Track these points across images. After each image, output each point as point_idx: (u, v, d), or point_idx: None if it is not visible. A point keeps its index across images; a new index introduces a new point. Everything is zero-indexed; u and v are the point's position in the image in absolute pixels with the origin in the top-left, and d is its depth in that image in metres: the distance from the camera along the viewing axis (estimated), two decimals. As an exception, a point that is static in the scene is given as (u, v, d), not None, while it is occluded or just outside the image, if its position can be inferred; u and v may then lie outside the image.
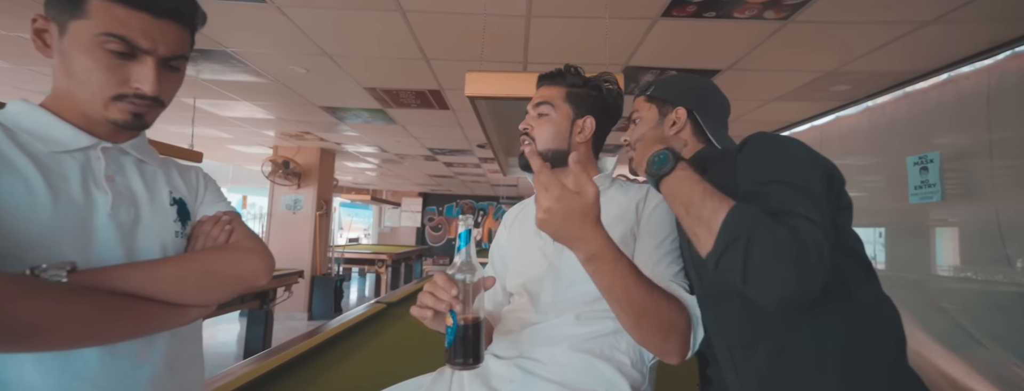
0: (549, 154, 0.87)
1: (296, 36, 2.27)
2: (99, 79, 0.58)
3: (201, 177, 0.79)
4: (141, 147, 0.69)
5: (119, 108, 0.60)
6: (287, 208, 5.26)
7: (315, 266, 5.25)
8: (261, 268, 0.69)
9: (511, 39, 2.21)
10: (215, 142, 5.25)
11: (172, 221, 0.68)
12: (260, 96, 3.38)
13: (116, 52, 0.58)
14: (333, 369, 1.40)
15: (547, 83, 0.93)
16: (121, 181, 0.64)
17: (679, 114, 0.84)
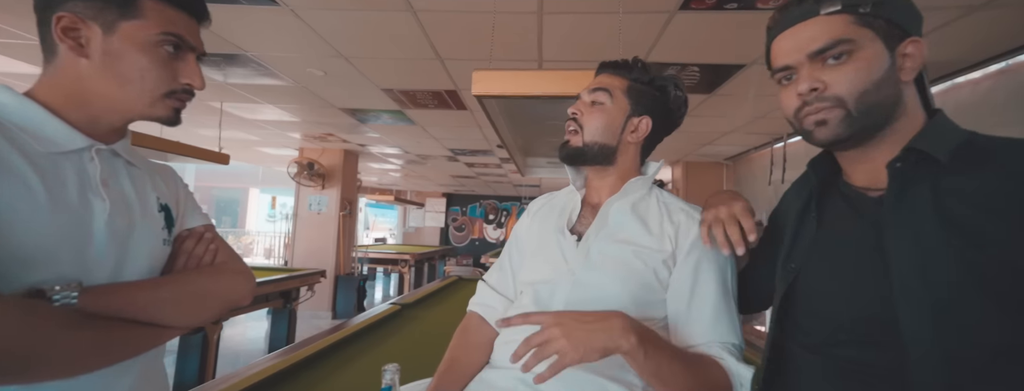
0: (595, 148, 0.80)
1: (311, 38, 2.29)
2: (154, 77, 0.61)
3: (179, 181, 0.78)
4: (128, 149, 0.68)
5: (167, 104, 0.63)
6: (312, 209, 5.36)
7: (339, 266, 5.33)
8: (248, 290, 0.71)
9: (524, 37, 2.17)
10: (243, 144, 5.41)
11: (160, 228, 0.67)
12: (283, 99, 3.45)
13: (169, 49, 0.61)
14: (338, 372, 1.39)
15: (610, 71, 0.85)
16: (115, 187, 0.63)
17: (917, 49, 0.57)
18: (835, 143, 0.60)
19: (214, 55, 2.59)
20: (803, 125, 0.60)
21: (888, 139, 0.59)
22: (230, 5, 1.97)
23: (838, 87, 0.57)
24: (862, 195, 0.62)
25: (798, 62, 0.59)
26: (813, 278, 0.62)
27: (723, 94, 2.93)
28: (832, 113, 0.57)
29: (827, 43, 0.56)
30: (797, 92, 0.59)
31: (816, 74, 0.57)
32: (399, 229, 11.25)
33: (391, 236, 12.07)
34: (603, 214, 0.79)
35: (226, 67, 2.79)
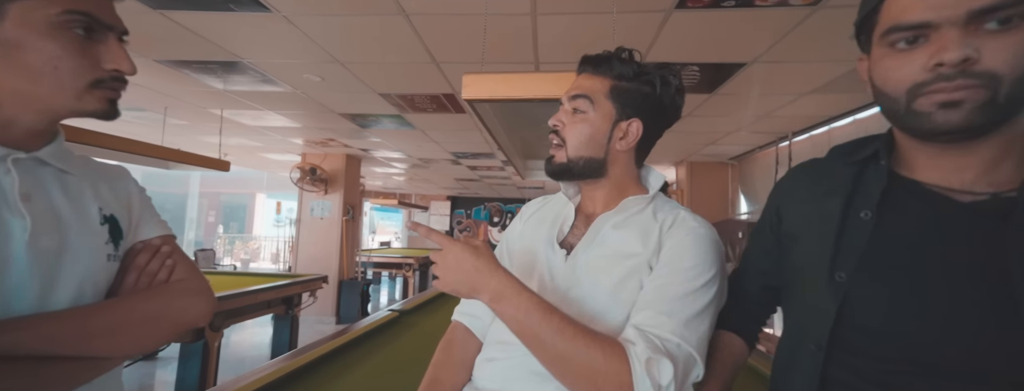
0: (581, 162, 0.73)
1: (306, 44, 2.28)
2: (71, 66, 0.51)
3: (133, 186, 0.69)
4: (60, 154, 0.58)
5: (97, 96, 0.54)
6: (315, 214, 5.37)
7: (342, 270, 5.33)
8: (205, 311, 0.64)
9: (519, 39, 2.14)
10: (247, 150, 5.43)
11: (103, 243, 0.59)
12: (283, 105, 3.45)
13: (79, 32, 0.52)
14: (331, 383, 1.36)
15: (590, 70, 0.74)
16: (40, 200, 0.54)
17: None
18: (953, 133, 0.45)
19: (211, 63, 2.59)
20: (915, 105, 0.45)
21: (1000, 135, 0.47)
22: (224, 13, 1.96)
23: (996, 62, 0.41)
24: (944, 197, 0.49)
25: (948, 19, 0.42)
26: (879, 294, 0.49)
27: (725, 93, 2.88)
28: (975, 94, 0.42)
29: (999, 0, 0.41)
30: (938, 60, 0.43)
31: (969, 40, 0.42)
32: (404, 232, 11.27)
33: (396, 239, 12.09)
34: (595, 229, 0.74)
35: (225, 75, 2.80)
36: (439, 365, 0.81)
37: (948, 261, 0.47)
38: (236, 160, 6.18)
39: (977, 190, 0.48)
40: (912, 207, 0.51)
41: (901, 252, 0.50)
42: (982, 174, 0.48)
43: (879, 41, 0.49)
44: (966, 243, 0.47)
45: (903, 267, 0.49)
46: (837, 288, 0.52)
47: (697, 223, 0.71)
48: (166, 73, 2.78)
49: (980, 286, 0.45)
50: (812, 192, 0.61)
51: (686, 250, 0.67)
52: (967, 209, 0.48)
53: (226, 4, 1.88)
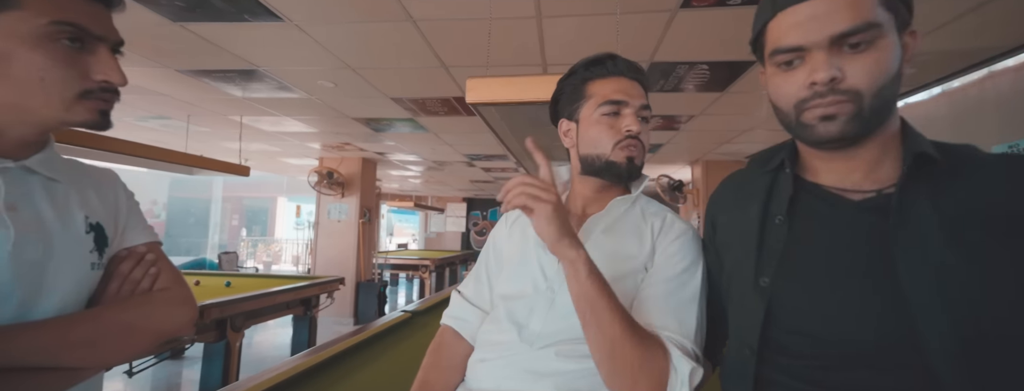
0: (642, 165, 0.78)
1: (318, 51, 2.34)
2: (59, 76, 0.51)
3: (121, 191, 0.68)
4: (49, 162, 0.58)
5: (86, 107, 0.54)
6: (332, 217, 5.48)
7: (359, 272, 5.42)
8: (186, 320, 0.63)
9: (526, 42, 2.16)
10: (267, 155, 5.58)
11: (87, 252, 0.59)
12: (299, 111, 3.54)
13: (67, 43, 0.51)
14: (340, 383, 1.40)
15: (641, 82, 0.79)
16: (27, 210, 0.54)
17: (913, 41, 0.53)
18: (834, 142, 0.51)
19: (230, 71, 2.68)
20: (802, 119, 0.52)
21: (875, 139, 0.53)
22: (239, 23, 2.03)
23: (857, 79, 0.48)
24: (840, 198, 0.55)
25: (815, 44, 0.49)
26: (799, 295, 0.53)
27: (737, 91, 2.84)
28: (844, 108, 0.49)
29: (856, 25, 0.47)
30: (811, 80, 0.49)
31: (836, 60, 0.48)
32: (421, 234, 11.38)
33: (414, 241, 12.22)
34: (587, 230, 0.76)
35: (243, 82, 2.89)
36: (429, 368, 0.82)
37: (849, 258, 0.51)
38: (257, 165, 6.35)
39: (864, 188, 0.54)
40: (816, 209, 0.56)
41: (811, 253, 0.54)
42: (867, 174, 0.54)
43: (768, 60, 0.55)
44: (863, 240, 0.51)
45: (814, 267, 0.53)
46: (762, 293, 0.55)
47: (685, 225, 0.76)
48: (188, 82, 2.88)
49: (877, 280, 0.49)
50: (737, 201, 0.65)
51: (679, 253, 0.71)
52: (858, 207, 0.53)
53: (241, 15, 1.95)
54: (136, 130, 4.20)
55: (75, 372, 0.54)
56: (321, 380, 1.39)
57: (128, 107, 3.46)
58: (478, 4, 1.80)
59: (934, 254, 0.46)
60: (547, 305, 0.72)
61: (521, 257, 0.80)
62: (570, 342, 0.69)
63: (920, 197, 0.49)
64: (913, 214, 0.49)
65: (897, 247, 0.48)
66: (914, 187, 0.50)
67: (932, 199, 0.49)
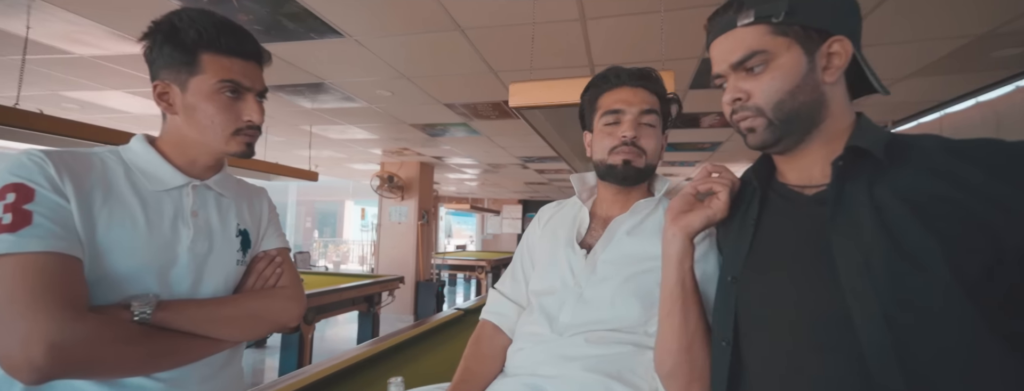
0: (650, 171, 0.81)
1: (376, 63, 2.51)
2: (222, 120, 0.70)
3: (265, 207, 0.87)
4: (222, 182, 0.78)
5: (237, 141, 0.72)
6: (393, 219, 5.76)
7: (418, 272, 5.65)
8: (296, 314, 0.79)
9: (572, 44, 2.18)
10: (334, 161, 5.98)
11: (235, 251, 0.77)
12: (360, 119, 3.78)
13: (229, 95, 0.70)
14: (397, 371, 1.50)
15: (647, 87, 0.81)
16: (202, 216, 0.74)
17: (842, 48, 0.55)
18: (764, 148, 0.60)
19: (300, 85, 2.93)
20: (739, 129, 0.61)
21: (818, 139, 0.58)
22: (306, 41, 2.23)
23: (757, 97, 0.57)
24: (798, 194, 0.60)
25: (724, 72, 0.60)
26: (758, 286, 0.59)
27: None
28: (756, 121, 0.58)
29: (743, 56, 0.57)
30: (724, 101, 0.60)
31: (739, 84, 0.58)
32: (478, 236, 11.62)
33: (471, 243, 12.50)
34: (611, 230, 0.80)
35: (311, 95, 3.14)
36: (470, 357, 0.89)
37: (797, 248, 0.57)
38: (325, 170, 6.82)
39: (816, 183, 0.59)
40: (779, 206, 0.62)
41: (771, 247, 0.60)
42: (821, 170, 0.59)
43: None
44: (809, 229, 0.56)
45: (771, 260, 0.59)
46: (728, 288, 0.62)
47: None
48: (265, 97, 3.18)
49: (817, 267, 0.53)
50: (732, 214, 0.70)
51: (708, 255, 0.72)
52: (810, 200, 0.59)
53: (307, 33, 2.14)
54: (223, 141, 4.67)
55: (217, 342, 0.70)
56: (380, 368, 1.50)
57: (217, 121, 3.87)
58: (522, 10, 1.84)
59: (865, 238, 0.50)
60: (575, 299, 0.77)
61: (552, 256, 0.85)
62: (597, 330, 0.74)
63: (858, 187, 0.53)
64: (849, 203, 0.53)
65: (833, 234, 0.52)
66: (854, 178, 0.54)
67: (869, 187, 0.52)
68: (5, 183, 0.59)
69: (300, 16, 1.96)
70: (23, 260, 0.55)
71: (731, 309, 0.60)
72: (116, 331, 0.59)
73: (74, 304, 0.56)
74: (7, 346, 0.53)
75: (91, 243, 0.62)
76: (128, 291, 0.64)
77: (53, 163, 0.61)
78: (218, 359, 0.73)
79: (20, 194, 0.58)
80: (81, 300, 0.58)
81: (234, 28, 0.71)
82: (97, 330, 0.57)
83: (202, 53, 0.68)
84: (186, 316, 0.66)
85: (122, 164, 0.69)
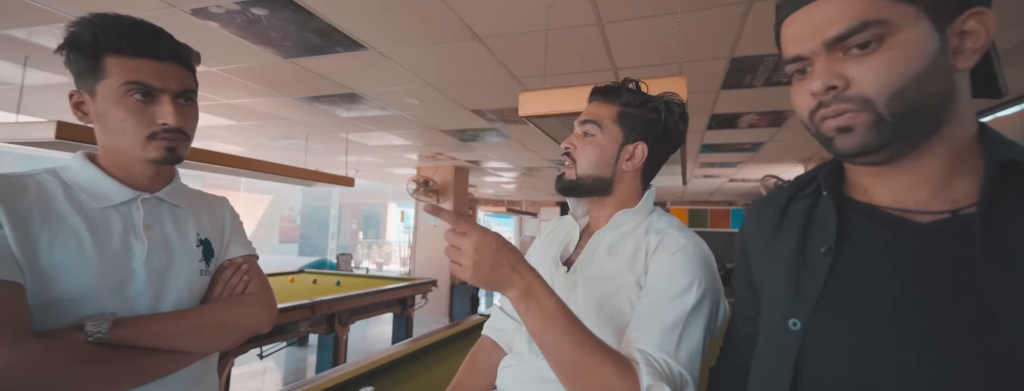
0: (589, 180, 0.77)
1: (401, 73, 2.56)
2: (132, 124, 0.66)
3: (227, 214, 0.85)
4: (174, 192, 0.76)
5: (154, 146, 0.68)
6: (428, 222, 5.87)
7: (452, 275, 5.73)
8: (266, 320, 0.77)
9: (592, 48, 2.13)
10: (373, 166, 6.18)
11: (197, 261, 0.75)
12: (393, 126, 3.88)
13: (138, 97, 0.65)
14: (413, 377, 1.52)
15: (599, 99, 0.80)
16: (157, 229, 0.71)
17: (981, 24, 0.43)
18: (863, 155, 0.44)
19: (333, 96, 3.05)
20: (821, 131, 0.45)
21: (937, 147, 0.44)
22: (334, 55, 2.31)
23: (864, 85, 0.42)
24: (903, 220, 0.45)
25: (812, 51, 0.44)
26: (843, 343, 0.44)
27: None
28: (858, 118, 0.42)
29: (850, 27, 0.41)
30: (810, 91, 0.44)
31: (835, 67, 0.43)
32: (515, 238, 11.65)
33: (510, 245, 12.49)
34: (591, 246, 0.77)
35: (346, 105, 3.26)
36: (463, 371, 0.89)
37: (914, 297, 0.41)
38: (365, 175, 7.06)
39: (934, 208, 0.44)
40: (872, 234, 0.46)
41: (862, 289, 0.44)
42: (938, 191, 0.45)
43: (787, 72, 0.49)
44: (933, 273, 0.41)
45: (867, 307, 0.44)
46: (791, 337, 0.47)
47: (686, 240, 0.71)
48: (303, 108, 3.33)
49: (961, 328, 0.39)
50: (771, 232, 0.56)
51: (673, 270, 0.67)
52: (926, 231, 0.44)
53: (333, 48, 2.22)
54: (270, 149, 4.95)
55: (185, 356, 0.69)
56: (409, 368, 1.53)
57: (263, 130, 4.10)
58: (536, 17, 1.83)
59: None
60: None
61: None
62: None
63: (1016, 218, 0.40)
64: (1008, 238, 0.39)
65: (990, 283, 0.38)
66: (1006, 204, 0.40)
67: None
68: None
69: (325, 31, 2.04)
70: None
71: (788, 365, 0.46)
72: (67, 354, 0.57)
73: (15, 330, 0.55)
74: None
75: (34, 267, 0.60)
76: (83, 312, 0.62)
77: None
78: (189, 373, 0.71)
79: None
80: (24, 325, 0.56)
81: (140, 28, 0.67)
82: (45, 354, 0.55)
83: (105, 56, 0.64)
84: (148, 331, 0.64)
85: (61, 184, 0.66)
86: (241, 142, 4.67)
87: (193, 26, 2.00)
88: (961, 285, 0.40)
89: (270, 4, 1.80)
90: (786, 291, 0.49)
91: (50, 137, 1.99)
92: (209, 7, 1.84)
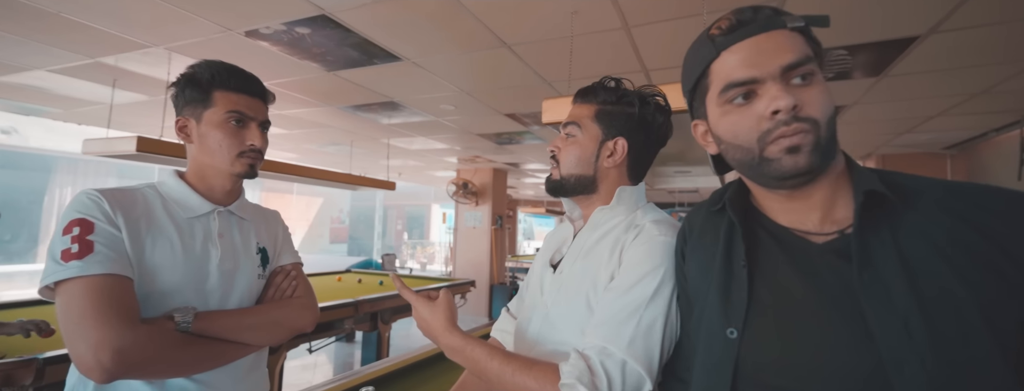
0: (572, 180, 0.80)
1: (436, 81, 2.66)
2: (228, 143, 0.82)
3: (279, 225, 1.00)
4: (241, 206, 0.91)
5: (241, 162, 0.84)
6: (468, 224, 5.99)
7: (492, 275, 5.82)
8: (309, 321, 0.90)
9: (621, 51, 2.13)
10: (415, 169, 6.38)
11: (256, 266, 0.89)
12: (430, 132, 4.01)
13: (236, 123, 0.83)
14: (444, 375, 1.59)
15: (579, 100, 0.83)
16: (228, 237, 0.86)
17: None
18: (799, 176, 0.49)
19: (373, 104, 3.20)
20: (766, 153, 0.49)
21: (827, 177, 0.51)
22: (371, 67, 2.44)
23: (812, 108, 0.48)
24: (805, 240, 0.52)
25: (769, 75, 0.48)
26: (770, 348, 0.50)
27: (900, 74, 2.34)
28: (807, 138, 0.47)
29: (800, 58, 0.48)
30: (775, 108, 0.48)
31: (788, 91, 0.48)
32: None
33: (551, 246, 12.45)
34: (575, 247, 0.79)
35: (386, 113, 3.41)
36: (469, 373, 0.92)
37: (819, 307, 0.49)
38: (407, 177, 7.30)
39: (825, 230, 0.52)
40: (780, 253, 0.53)
41: (781, 302, 0.51)
42: (825, 214, 0.52)
43: (717, 101, 0.54)
44: (830, 286, 0.49)
45: (786, 318, 0.50)
46: (730, 345, 0.52)
47: (657, 231, 0.71)
48: (348, 116, 3.52)
49: (850, 328, 0.46)
50: (701, 240, 0.62)
51: (636, 262, 0.68)
52: (821, 250, 0.51)
53: (371, 60, 2.34)
54: (319, 155, 5.24)
55: (245, 347, 0.82)
56: (442, 364, 1.60)
57: (313, 138, 4.36)
58: (562, 23, 1.85)
59: (900, 301, 0.44)
60: (541, 319, 0.77)
61: (535, 277, 0.88)
62: (559, 353, 0.72)
63: (880, 237, 0.48)
64: (875, 257, 0.47)
65: (863, 295, 0.46)
66: (872, 226, 0.48)
67: (893, 238, 0.47)
68: (70, 218, 0.71)
69: (362, 45, 2.16)
70: (90, 282, 0.67)
71: (728, 369, 0.51)
72: (165, 338, 0.70)
73: (130, 316, 0.68)
74: (81, 352, 0.64)
75: (140, 265, 0.73)
76: (170, 304, 0.76)
77: (107, 200, 0.74)
78: (246, 362, 0.84)
79: (83, 227, 0.70)
80: (135, 313, 0.69)
81: (241, 72, 0.84)
82: (150, 337, 0.68)
83: (215, 91, 0.81)
84: (219, 324, 0.77)
85: (159, 197, 0.81)
86: (293, 149, 4.97)
87: (247, 46, 2.17)
88: (843, 297, 0.47)
89: (312, 23, 1.93)
90: (721, 301, 0.54)
91: (132, 150, 2.27)
92: (260, 29, 2.00)
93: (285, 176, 3.32)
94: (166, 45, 2.21)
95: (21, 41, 2.21)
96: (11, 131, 5.43)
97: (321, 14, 1.85)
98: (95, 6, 1.84)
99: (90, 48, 2.27)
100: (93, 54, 2.35)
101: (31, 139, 5.45)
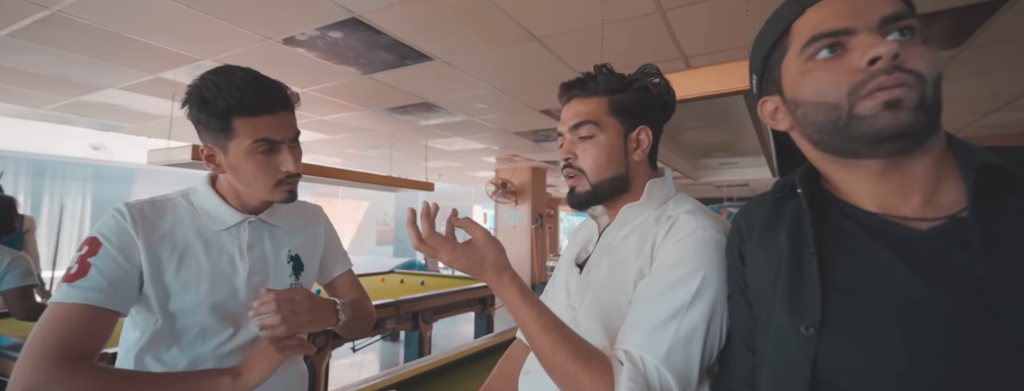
0: (606, 185, 0.71)
1: (468, 79, 2.65)
2: (264, 175, 0.76)
3: (321, 228, 0.95)
4: (272, 213, 0.86)
5: (280, 191, 0.78)
6: (508, 223, 5.98)
7: (533, 274, 5.77)
8: (371, 320, 0.95)
9: (656, 37, 2.03)
10: (454, 170, 6.44)
11: (288, 276, 0.86)
12: (467, 131, 4.02)
13: (263, 152, 0.74)
14: (477, 375, 1.57)
15: (579, 95, 0.73)
16: (257, 248, 0.82)
17: None
18: (899, 138, 0.41)
19: (409, 106, 3.23)
20: (857, 110, 0.42)
21: (930, 152, 0.44)
22: (404, 68, 2.46)
23: (917, 62, 0.41)
24: (900, 227, 0.44)
25: (866, 25, 0.42)
26: (858, 348, 0.42)
27: (984, 45, 2.08)
28: (911, 93, 0.40)
29: (901, 9, 0.42)
30: (873, 55, 0.41)
31: None
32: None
33: (594, 244, 12.25)
34: (602, 246, 0.73)
35: (422, 114, 3.45)
36: (494, 375, 0.89)
37: (928, 303, 0.40)
38: (447, 178, 7.39)
39: (930, 215, 0.43)
40: (866, 240, 0.45)
41: (868, 296, 0.43)
42: (929, 198, 0.44)
43: (797, 59, 0.47)
44: (946, 280, 0.40)
45: (875, 315, 0.42)
46: (805, 343, 0.44)
47: (697, 224, 0.63)
48: (385, 119, 3.59)
49: (994, 332, 0.38)
50: (766, 239, 0.54)
51: (674, 261, 0.60)
52: (927, 237, 0.43)
53: (403, 61, 2.36)
54: (361, 158, 5.39)
55: None
56: (482, 362, 1.59)
57: (355, 142, 4.48)
58: (591, 11, 1.78)
59: None
60: (569, 321, 0.71)
61: (559, 274, 0.83)
62: None
63: (1007, 219, 0.39)
64: (1002, 237, 0.39)
65: (994, 282, 0.38)
66: (994, 208, 0.40)
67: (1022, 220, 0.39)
68: (89, 235, 0.69)
69: (393, 47, 2.18)
70: (61, 310, 0.65)
71: (805, 372, 0.44)
72: (87, 384, 0.62)
73: (69, 354, 0.62)
74: (11, 378, 0.62)
75: (159, 284, 0.71)
76: (187, 323, 0.74)
77: (132, 216, 0.72)
78: None
79: (91, 247, 0.68)
80: (82, 350, 0.64)
81: (255, 85, 0.73)
82: (70, 380, 0.61)
83: (234, 118, 0.72)
84: None
85: (190, 207, 0.79)
86: (336, 153, 5.14)
87: (286, 53, 2.25)
88: (969, 287, 0.39)
89: (342, 27, 1.97)
90: (791, 295, 0.47)
91: (188, 158, 2.44)
92: (296, 36, 2.06)
93: (329, 180, 3.43)
94: (214, 57, 2.32)
95: (94, 62, 2.41)
96: (100, 147, 5.95)
97: (351, 17, 1.87)
98: (152, 24, 1.96)
99: (150, 64, 2.43)
100: (153, 70, 2.51)
101: (115, 153, 5.97)
